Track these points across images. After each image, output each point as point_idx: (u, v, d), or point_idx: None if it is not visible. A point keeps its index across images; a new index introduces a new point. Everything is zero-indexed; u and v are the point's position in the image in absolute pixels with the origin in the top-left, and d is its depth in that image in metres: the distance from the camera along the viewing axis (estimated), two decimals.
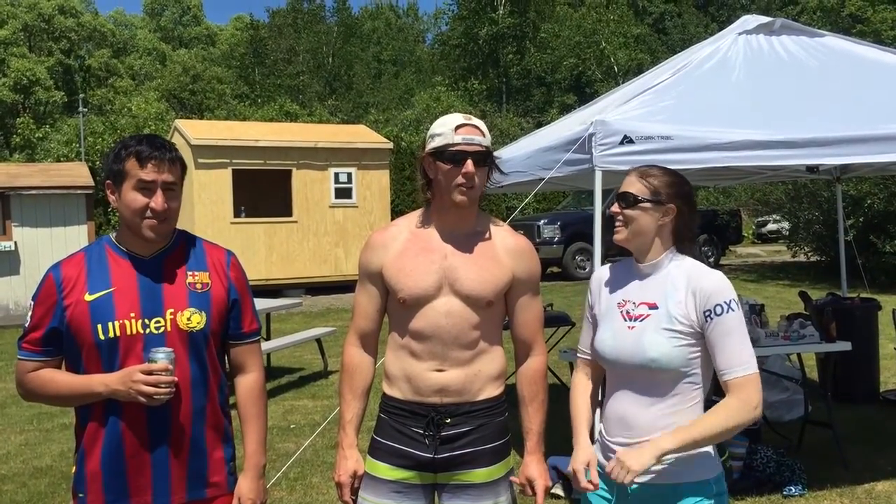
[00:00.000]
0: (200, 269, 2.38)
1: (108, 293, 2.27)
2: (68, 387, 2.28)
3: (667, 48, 38.48)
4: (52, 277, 2.30)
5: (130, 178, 2.26)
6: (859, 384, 6.87)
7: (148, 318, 2.27)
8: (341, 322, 11.69)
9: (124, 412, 2.26)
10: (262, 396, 2.51)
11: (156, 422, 2.28)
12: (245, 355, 2.49)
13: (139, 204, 2.26)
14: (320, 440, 5.99)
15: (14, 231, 13.39)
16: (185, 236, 2.45)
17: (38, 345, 2.30)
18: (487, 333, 2.46)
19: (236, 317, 2.44)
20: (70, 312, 2.26)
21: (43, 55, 50.65)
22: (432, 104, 34.57)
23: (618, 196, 2.39)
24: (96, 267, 2.31)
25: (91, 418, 2.30)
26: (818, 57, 5.43)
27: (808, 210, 16.88)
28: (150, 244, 2.33)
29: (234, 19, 62.18)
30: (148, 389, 2.17)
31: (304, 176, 15.64)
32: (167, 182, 2.28)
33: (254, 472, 2.44)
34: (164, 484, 2.31)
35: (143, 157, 2.25)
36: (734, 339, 2.25)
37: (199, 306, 2.33)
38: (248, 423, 2.47)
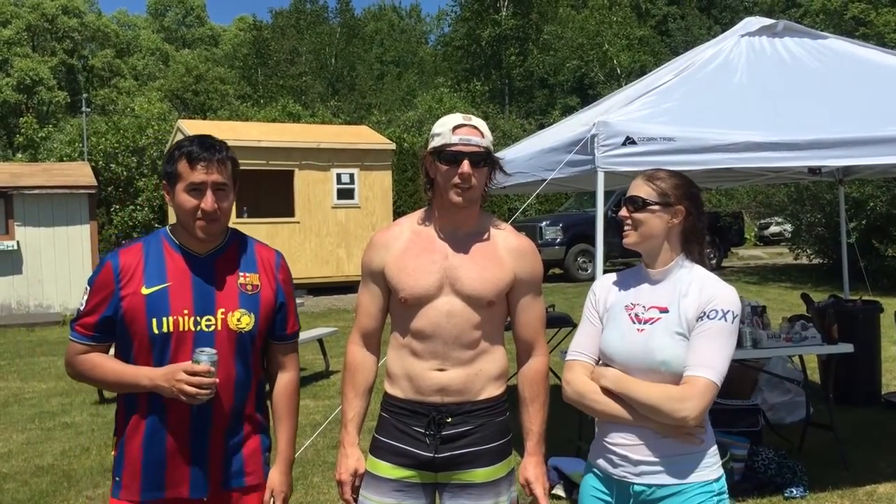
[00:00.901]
0: (251, 270, 2.45)
1: (164, 288, 2.33)
2: (116, 374, 2.35)
3: (670, 50, 38.45)
4: (111, 265, 2.36)
5: (182, 180, 2.32)
6: (861, 386, 6.86)
7: (200, 315, 2.33)
8: (343, 322, 11.69)
9: (169, 406, 2.32)
10: (297, 395, 2.59)
11: (199, 418, 2.34)
12: (285, 355, 2.56)
13: (190, 205, 2.31)
14: (321, 440, 6.00)
15: (17, 230, 13.42)
16: (237, 235, 2.51)
17: (91, 329, 2.36)
18: (489, 333, 2.47)
19: (282, 318, 2.50)
20: (126, 303, 2.32)
21: (46, 55, 50.69)
22: (435, 105, 34.54)
23: (626, 200, 2.39)
24: (153, 260, 2.37)
25: (137, 407, 2.36)
26: (821, 59, 5.43)
27: (811, 212, 16.87)
28: (204, 243, 2.39)
29: (238, 20, 62.24)
30: (190, 389, 2.23)
31: (307, 176, 15.65)
32: (217, 182, 2.33)
33: (285, 465, 2.54)
34: (202, 478, 2.37)
35: (193, 158, 2.31)
36: (714, 343, 2.25)
37: (249, 308, 2.39)
38: (282, 421, 2.56)
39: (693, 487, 2.28)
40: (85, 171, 14.80)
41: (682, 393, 2.22)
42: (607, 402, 2.34)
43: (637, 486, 2.32)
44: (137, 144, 19.10)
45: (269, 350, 2.55)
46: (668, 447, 2.29)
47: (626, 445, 2.33)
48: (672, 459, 2.29)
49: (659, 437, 2.29)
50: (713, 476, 2.32)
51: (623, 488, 2.35)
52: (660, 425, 2.27)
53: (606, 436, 2.39)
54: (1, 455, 6.19)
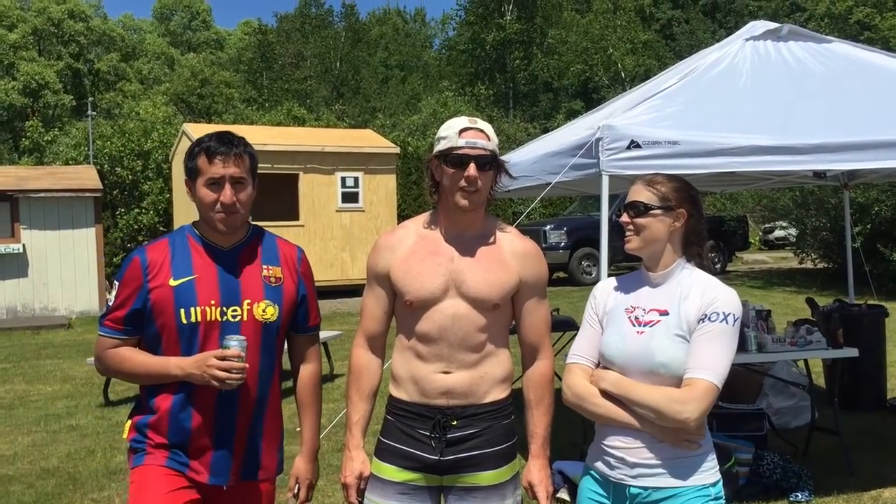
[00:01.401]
0: (274, 263, 2.52)
1: (191, 280, 2.40)
2: (146, 366, 2.41)
3: (674, 54, 38.47)
4: (139, 260, 2.42)
5: (202, 175, 2.40)
6: (866, 391, 6.84)
7: (226, 306, 2.40)
8: (347, 326, 11.70)
9: (196, 397, 2.38)
10: (319, 386, 2.67)
11: (223, 409, 2.40)
12: (308, 347, 2.64)
13: (210, 199, 2.40)
14: (326, 443, 5.99)
15: (22, 233, 13.46)
16: (259, 231, 2.60)
17: (121, 323, 2.42)
18: (494, 336, 2.47)
19: (304, 311, 2.58)
20: (155, 296, 2.38)
21: (52, 59, 50.87)
22: (439, 109, 34.59)
23: (627, 205, 2.39)
24: (180, 253, 2.44)
25: (163, 396, 2.41)
26: (826, 63, 5.43)
27: (816, 217, 16.85)
28: (228, 236, 2.47)
29: (243, 24, 62.41)
30: (221, 374, 2.29)
31: (311, 180, 15.67)
32: (234, 176, 2.40)
33: (310, 454, 2.63)
34: (223, 466, 2.43)
35: (211, 153, 2.38)
36: (713, 345, 2.26)
37: (273, 299, 2.47)
38: (307, 411, 2.64)
39: (690, 491, 2.28)
40: (90, 175, 14.85)
41: (683, 395, 2.23)
42: (607, 406, 2.34)
43: (634, 488, 2.32)
44: (143, 148, 19.12)
45: (291, 342, 2.63)
46: (665, 450, 2.29)
47: (624, 448, 2.33)
48: (669, 462, 2.29)
49: (657, 440, 2.29)
50: (710, 480, 2.31)
51: (620, 491, 2.35)
52: (659, 431, 2.27)
53: (604, 438, 2.39)
54: (6, 457, 6.21)
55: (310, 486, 2.62)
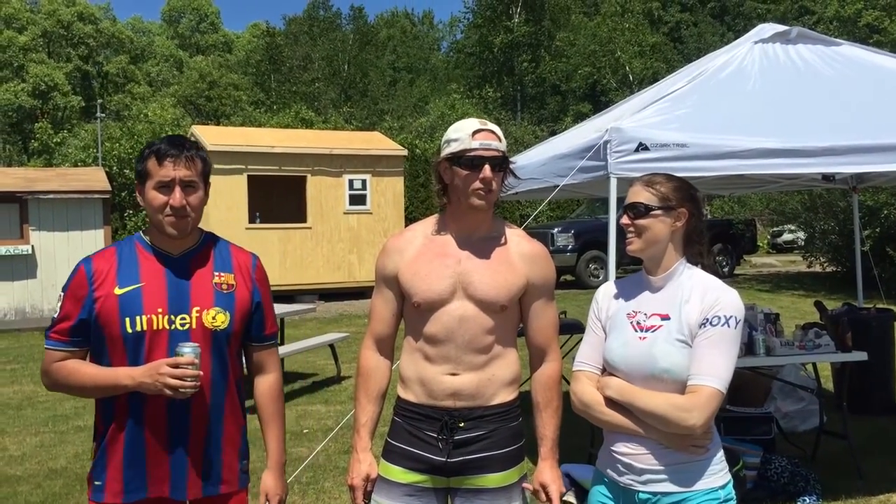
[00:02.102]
0: (227, 270, 2.46)
1: (138, 288, 2.34)
2: (94, 378, 2.33)
3: (682, 57, 38.42)
4: (84, 270, 2.37)
5: (151, 178, 2.34)
6: (875, 394, 6.82)
7: (174, 314, 2.34)
8: (354, 328, 11.71)
9: (147, 407, 2.32)
10: (281, 397, 2.59)
11: (176, 417, 2.34)
12: (265, 357, 2.56)
13: (159, 202, 2.33)
14: (333, 445, 6.00)
15: (31, 235, 13.50)
16: (212, 238, 2.52)
17: (67, 335, 2.35)
18: (501, 338, 2.47)
19: (259, 319, 2.51)
20: (100, 305, 2.32)
21: (61, 61, 51.07)
22: (447, 112, 34.60)
23: (626, 207, 2.39)
24: (127, 262, 2.38)
25: (114, 410, 2.36)
26: (834, 66, 5.41)
27: (824, 220, 16.80)
28: (178, 242, 2.40)
29: (251, 26, 62.55)
30: (174, 382, 2.22)
31: (319, 182, 15.70)
32: (185, 178, 2.33)
33: (277, 469, 2.55)
34: (182, 477, 2.37)
35: (161, 155, 2.33)
36: (716, 350, 2.25)
37: (224, 306, 2.40)
38: (269, 423, 2.56)
39: (698, 495, 2.28)
40: (99, 177, 14.89)
41: (688, 402, 2.22)
42: (612, 414, 2.35)
43: (643, 493, 2.31)
44: None
45: (248, 352, 2.55)
46: (672, 455, 2.28)
47: (631, 454, 2.32)
48: (677, 467, 2.28)
49: (663, 446, 2.28)
50: (719, 483, 2.31)
51: (629, 496, 2.35)
52: (665, 437, 2.27)
53: (612, 444, 2.39)
54: (15, 458, 6.23)
55: (280, 502, 2.54)
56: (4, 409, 7.83)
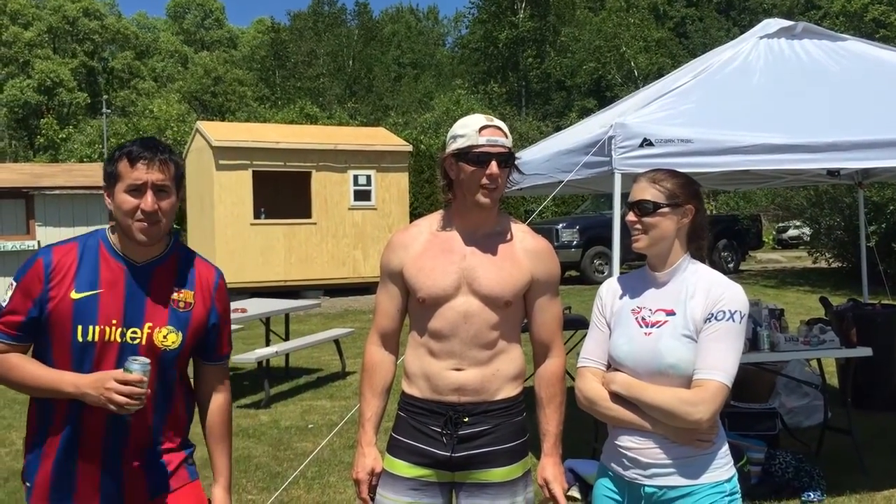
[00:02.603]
0: (187, 286, 2.35)
1: (95, 295, 2.24)
2: (36, 379, 2.23)
3: (688, 52, 38.31)
4: (42, 263, 2.25)
5: (122, 180, 2.23)
6: (880, 390, 6.80)
7: (127, 327, 2.25)
8: (359, 323, 11.72)
9: (85, 418, 2.24)
10: (230, 417, 2.52)
11: (114, 433, 2.26)
12: (215, 376, 2.49)
13: (129, 206, 2.22)
14: (338, 440, 6.02)
15: (37, 230, 13.55)
16: (179, 247, 2.41)
17: (13, 328, 2.24)
18: (506, 333, 2.48)
19: (213, 340, 2.43)
20: (53, 305, 2.22)
21: (67, 57, 51.17)
22: (452, 107, 34.61)
23: (632, 204, 2.38)
24: (87, 263, 2.27)
25: (52, 413, 2.28)
26: (840, 61, 5.40)
27: (830, 216, 16.76)
28: (143, 249, 2.29)
29: (256, 22, 62.58)
30: (120, 399, 2.12)
31: (324, 178, 15.71)
32: (157, 182, 2.23)
33: (226, 485, 2.49)
34: (115, 490, 2.30)
35: (133, 157, 2.22)
36: (722, 345, 2.25)
37: (177, 326, 2.31)
38: (219, 444, 2.49)
39: (704, 488, 2.28)
40: None
41: (694, 396, 2.23)
42: (618, 409, 2.35)
43: (648, 487, 2.32)
44: None
45: (198, 371, 2.48)
46: (678, 449, 2.29)
47: (637, 448, 2.33)
48: (682, 461, 2.29)
49: (669, 440, 2.29)
50: (725, 476, 2.31)
51: (634, 490, 2.36)
52: (671, 431, 2.28)
53: (617, 439, 2.39)
54: (21, 452, 6.25)
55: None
56: (11, 404, 7.86)
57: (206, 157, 15.10)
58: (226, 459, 2.50)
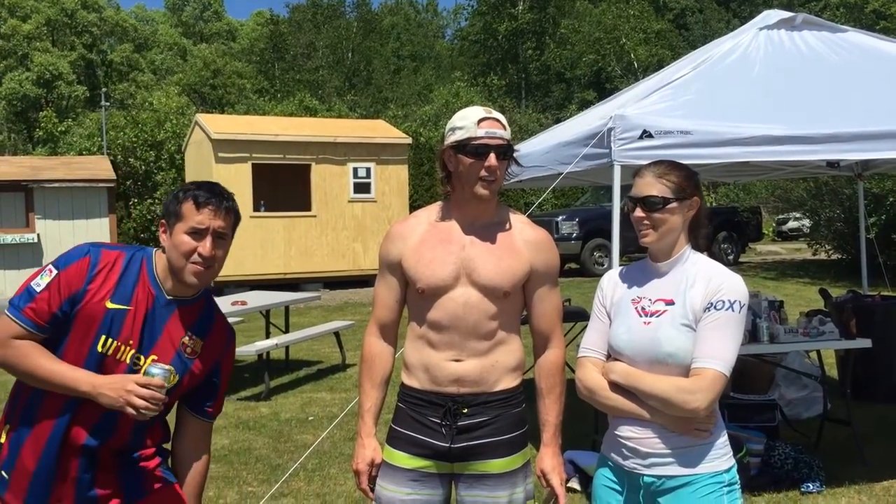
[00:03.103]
0: (200, 335, 2.37)
1: (125, 310, 2.25)
2: (50, 372, 2.20)
3: (688, 44, 38.24)
4: (89, 261, 2.25)
5: (185, 221, 2.25)
6: (879, 382, 6.82)
7: (137, 351, 2.27)
8: (359, 316, 11.73)
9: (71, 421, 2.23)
10: (205, 479, 2.50)
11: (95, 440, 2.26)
12: (201, 433, 2.48)
13: (188, 247, 2.24)
14: (338, 432, 6.03)
15: (37, 223, 13.56)
16: (208, 297, 2.43)
17: (42, 319, 2.21)
18: (505, 324, 2.48)
19: (205, 395, 2.44)
20: (85, 306, 2.22)
21: (66, 50, 51.05)
22: (451, 100, 34.55)
23: (640, 200, 2.37)
24: (128, 277, 2.28)
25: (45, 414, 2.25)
26: (840, 52, 5.39)
27: (830, 207, 16.75)
28: (180, 287, 2.31)
29: (255, 14, 62.46)
30: (140, 402, 2.14)
31: (324, 170, 15.70)
32: (219, 230, 2.27)
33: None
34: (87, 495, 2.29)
35: (200, 201, 2.25)
36: (720, 333, 2.26)
37: (178, 369, 2.31)
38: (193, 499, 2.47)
39: (703, 478, 2.29)
40: (104, 165, 14.93)
41: (692, 385, 2.24)
42: (617, 398, 2.36)
43: (647, 477, 2.33)
44: (156, 139, 19.22)
45: (185, 425, 2.45)
46: (677, 439, 2.30)
47: (636, 438, 2.34)
48: (681, 451, 2.30)
49: (668, 429, 2.30)
50: (724, 466, 2.32)
51: (633, 480, 2.36)
52: (669, 421, 2.28)
53: (616, 429, 2.40)
54: None
55: None
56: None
57: (206, 150, 15.09)
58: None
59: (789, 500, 4.74)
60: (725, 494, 2.30)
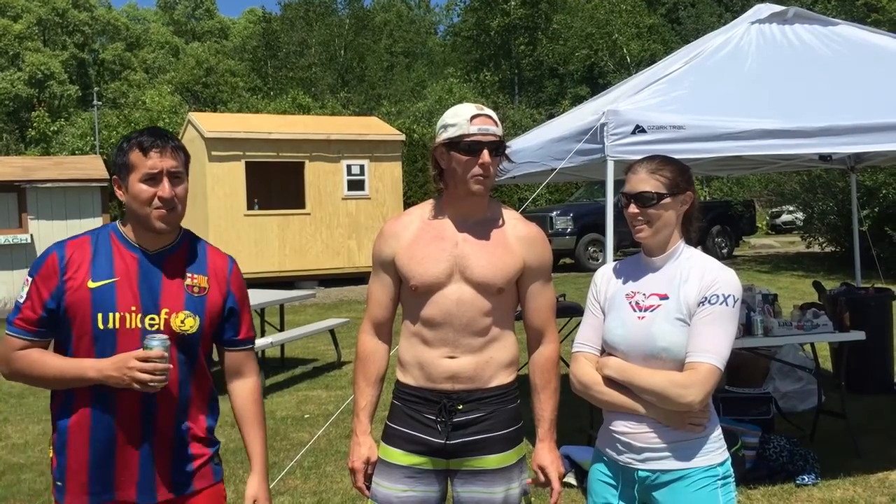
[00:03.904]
0: (200, 272, 2.38)
1: (111, 283, 2.26)
2: (58, 369, 2.24)
3: (680, 38, 38.23)
4: (56, 256, 2.26)
5: (137, 170, 2.25)
6: (873, 374, 6.85)
7: (145, 313, 2.27)
8: (354, 313, 11.73)
9: (118, 403, 2.24)
10: (260, 401, 2.53)
11: (146, 417, 2.27)
12: (241, 361, 2.50)
13: (147, 195, 2.24)
14: (334, 430, 6.04)
15: (30, 224, 13.50)
16: (190, 237, 2.43)
17: (33, 325, 2.26)
18: (499, 321, 2.48)
19: (233, 324, 2.44)
20: (70, 296, 2.23)
21: (57, 49, 50.91)
22: (444, 96, 34.55)
23: (634, 196, 2.38)
24: (101, 254, 2.29)
25: (77, 404, 2.27)
26: (832, 46, 5.40)
27: (823, 200, 16.80)
28: (156, 239, 2.32)
29: (247, 12, 62.37)
30: (144, 377, 2.15)
31: (317, 168, 15.68)
32: (172, 170, 2.26)
33: (262, 475, 2.48)
34: (149, 479, 2.30)
35: (146, 146, 2.25)
36: (714, 328, 2.27)
37: (193, 310, 2.33)
38: (250, 428, 2.49)
39: (697, 472, 2.30)
40: (97, 165, 14.87)
41: (686, 379, 2.24)
42: (611, 393, 2.37)
43: (641, 471, 2.34)
44: None
45: (223, 358, 2.48)
46: (671, 433, 2.31)
47: (630, 433, 2.35)
48: (675, 445, 2.31)
49: (662, 424, 2.31)
50: (717, 460, 2.33)
51: (628, 474, 2.37)
52: (663, 415, 2.29)
53: (611, 423, 2.41)
54: (18, 446, 6.26)
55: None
56: (6, 398, 7.86)
57: (199, 149, 15.05)
58: (258, 446, 2.48)
59: (785, 493, 4.76)
60: (720, 488, 2.32)
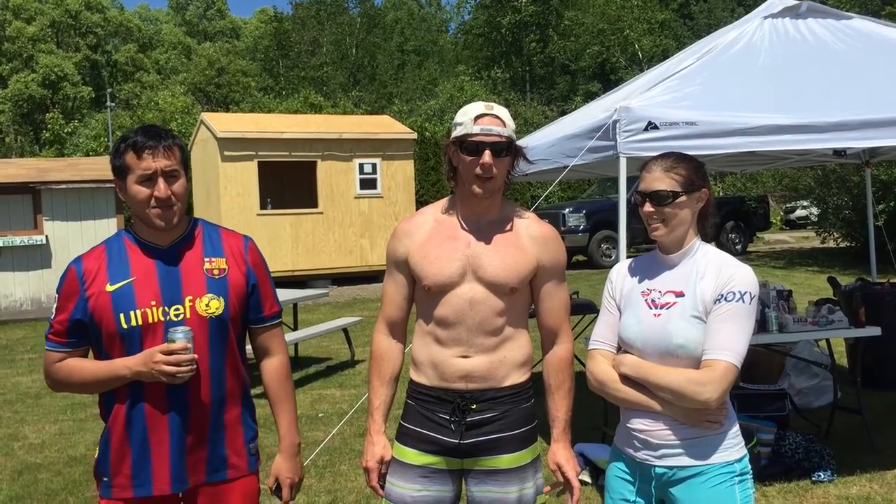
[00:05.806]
0: (217, 255, 2.43)
1: (129, 283, 2.33)
2: (93, 373, 2.35)
3: (692, 34, 38.07)
4: (74, 270, 2.37)
5: (132, 172, 2.31)
6: (889, 370, 6.80)
7: (168, 305, 2.33)
8: (367, 312, 11.75)
9: (146, 397, 2.32)
10: (289, 378, 2.57)
11: (175, 406, 2.33)
12: (268, 339, 2.55)
13: (143, 196, 2.31)
14: (348, 428, 6.05)
15: (45, 225, 13.59)
16: (201, 224, 2.50)
17: (63, 336, 2.37)
18: (512, 320, 2.48)
19: (256, 301, 2.49)
20: (92, 303, 2.33)
21: (70, 51, 51.21)
22: (456, 94, 34.53)
23: (649, 195, 2.37)
24: (116, 258, 2.38)
25: (116, 403, 2.37)
26: (845, 40, 5.36)
27: (837, 195, 16.68)
28: (165, 233, 2.38)
29: (258, 12, 62.52)
30: (169, 369, 2.23)
31: (329, 167, 15.71)
32: (166, 169, 2.31)
33: (290, 451, 2.53)
34: (181, 467, 2.35)
35: (139, 148, 2.29)
36: (731, 325, 2.25)
37: (217, 292, 2.38)
38: (279, 405, 2.55)
39: (714, 468, 2.30)
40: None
41: (703, 376, 2.23)
42: (628, 391, 2.37)
43: (659, 468, 2.34)
44: None
45: (251, 335, 2.53)
46: (688, 430, 2.30)
47: (647, 430, 2.34)
48: (692, 441, 2.30)
49: (679, 421, 2.30)
50: (735, 456, 2.32)
51: (645, 471, 2.37)
52: (679, 412, 2.28)
53: (628, 421, 2.41)
54: (35, 446, 6.31)
55: (292, 486, 2.53)
56: (23, 398, 7.91)
57: (212, 149, 15.12)
58: (288, 423, 2.54)
59: (800, 490, 4.73)
60: (737, 484, 2.31)
